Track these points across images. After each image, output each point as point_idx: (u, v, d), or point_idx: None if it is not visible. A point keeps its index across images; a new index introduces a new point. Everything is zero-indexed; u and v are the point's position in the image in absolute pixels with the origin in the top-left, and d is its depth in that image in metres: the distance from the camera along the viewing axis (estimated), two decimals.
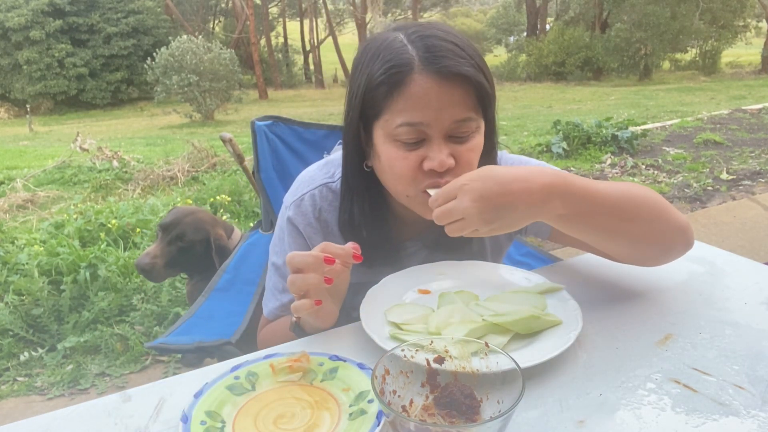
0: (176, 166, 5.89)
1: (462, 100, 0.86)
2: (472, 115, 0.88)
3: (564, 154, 6.00)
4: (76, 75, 19.42)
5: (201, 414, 0.70)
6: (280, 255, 1.07)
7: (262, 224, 1.65)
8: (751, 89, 13.99)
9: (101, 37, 19.94)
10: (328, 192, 1.05)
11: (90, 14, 19.93)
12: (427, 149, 0.88)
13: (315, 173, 1.08)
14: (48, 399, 2.32)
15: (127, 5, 20.38)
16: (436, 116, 0.85)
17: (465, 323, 0.84)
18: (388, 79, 0.86)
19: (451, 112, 0.86)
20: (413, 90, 0.85)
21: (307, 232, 1.04)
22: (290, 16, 31.77)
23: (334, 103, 16.37)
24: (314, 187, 1.05)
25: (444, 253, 1.06)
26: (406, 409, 0.65)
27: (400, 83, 0.85)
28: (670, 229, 0.91)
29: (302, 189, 1.06)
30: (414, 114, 0.85)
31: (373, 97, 0.89)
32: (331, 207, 1.04)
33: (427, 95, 0.85)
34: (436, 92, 0.85)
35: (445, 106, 0.85)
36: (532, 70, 21.88)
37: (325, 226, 1.05)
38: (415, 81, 0.85)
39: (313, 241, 1.04)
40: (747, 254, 1.13)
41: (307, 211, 1.04)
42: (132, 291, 2.88)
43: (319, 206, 1.04)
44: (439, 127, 0.86)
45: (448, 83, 0.85)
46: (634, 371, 0.78)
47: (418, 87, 0.85)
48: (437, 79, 0.84)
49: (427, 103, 0.85)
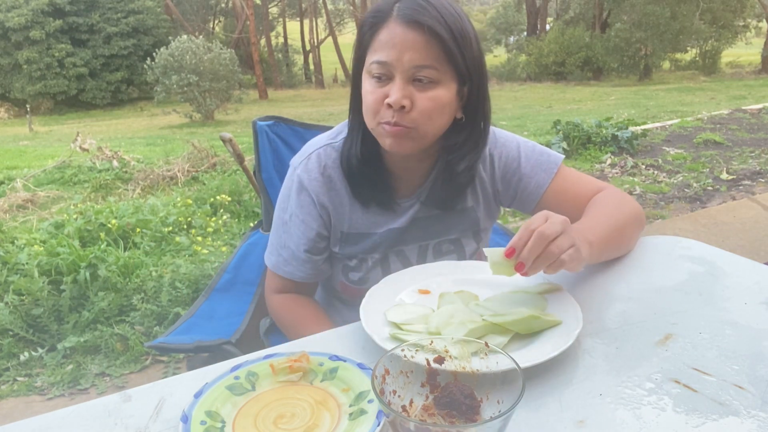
0: (176, 166, 5.89)
1: (423, 48, 0.98)
2: (433, 64, 0.99)
3: (564, 154, 5.99)
4: (76, 75, 19.40)
5: (201, 414, 0.70)
6: (286, 210, 1.19)
7: (262, 224, 1.65)
8: (751, 89, 13.99)
9: (101, 37, 19.92)
10: (332, 150, 1.16)
11: (90, 14, 19.91)
12: (390, 87, 1.01)
13: (321, 137, 1.21)
14: (48, 399, 2.32)
15: (127, 5, 20.36)
16: (398, 57, 0.99)
17: (465, 323, 0.84)
18: (371, 22, 1.03)
19: (411, 56, 0.99)
20: (384, 33, 1.01)
21: (313, 186, 1.14)
22: (290, 16, 31.76)
23: (334, 103, 16.37)
24: (319, 147, 1.17)
25: (436, 206, 1.18)
26: (406, 409, 0.65)
27: (377, 27, 1.02)
28: (639, 223, 1.16)
29: (308, 150, 1.18)
30: (383, 53, 1.00)
31: (362, 39, 1.05)
32: (335, 164, 1.15)
33: (393, 38, 0.99)
34: (400, 37, 0.99)
35: (407, 49, 0.99)
36: (532, 70, 21.87)
37: (329, 181, 1.15)
38: (389, 26, 1.00)
39: (319, 196, 1.14)
40: (747, 254, 1.13)
41: (313, 168, 1.15)
42: (132, 291, 2.87)
43: (323, 163, 1.15)
44: (400, 68, 0.99)
45: (412, 30, 0.98)
46: (634, 371, 0.78)
47: (388, 31, 1.00)
48: (404, 25, 0.99)
49: (393, 45, 0.99)
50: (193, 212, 4.09)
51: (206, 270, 2.97)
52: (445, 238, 1.21)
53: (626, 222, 1.11)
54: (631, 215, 1.13)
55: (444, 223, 1.20)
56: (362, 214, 1.16)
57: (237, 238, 3.81)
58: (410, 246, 1.20)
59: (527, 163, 1.19)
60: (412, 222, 1.18)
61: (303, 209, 1.15)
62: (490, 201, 1.23)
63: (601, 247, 1.00)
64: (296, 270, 1.19)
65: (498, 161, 1.19)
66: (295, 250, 1.18)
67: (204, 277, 2.93)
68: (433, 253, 1.22)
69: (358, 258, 1.19)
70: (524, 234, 0.85)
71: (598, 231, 1.01)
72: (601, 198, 1.15)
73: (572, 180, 1.19)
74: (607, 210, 1.10)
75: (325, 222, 1.16)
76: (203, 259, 3.16)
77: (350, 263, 1.20)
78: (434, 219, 1.19)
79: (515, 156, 1.19)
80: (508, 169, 1.19)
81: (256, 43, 21.89)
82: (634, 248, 1.16)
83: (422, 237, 1.20)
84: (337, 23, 33.08)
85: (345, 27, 35.05)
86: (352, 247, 1.18)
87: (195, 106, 13.32)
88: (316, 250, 1.18)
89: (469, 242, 1.23)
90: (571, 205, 1.16)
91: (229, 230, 3.98)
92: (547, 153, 1.20)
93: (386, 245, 1.18)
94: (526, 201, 1.20)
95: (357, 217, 1.16)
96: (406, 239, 1.19)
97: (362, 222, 1.17)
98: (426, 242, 1.21)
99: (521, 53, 25.03)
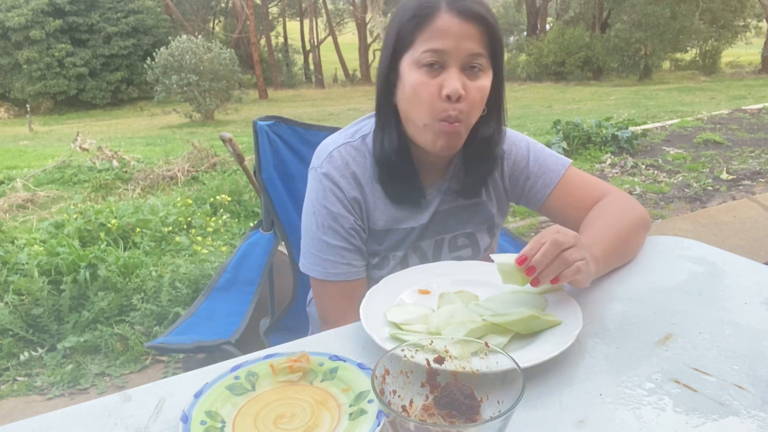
0: (176, 165, 5.89)
1: (477, 37, 1.02)
2: (483, 53, 1.03)
3: (564, 154, 6.00)
4: (76, 75, 19.38)
5: (201, 414, 0.70)
6: (318, 214, 1.13)
7: (262, 224, 1.65)
8: (751, 89, 13.98)
9: (101, 36, 19.90)
10: (351, 148, 1.16)
11: (90, 14, 19.89)
12: (445, 77, 1.02)
13: (335, 137, 1.19)
14: (48, 399, 2.32)
15: (127, 5, 20.34)
16: (455, 46, 1.01)
17: (465, 323, 0.84)
18: (419, 13, 1.03)
19: (468, 45, 1.01)
20: (438, 23, 1.01)
21: (342, 182, 1.13)
22: (290, 16, 31.76)
23: (334, 102, 16.37)
24: (339, 145, 1.16)
25: (457, 196, 1.20)
26: (406, 409, 0.65)
27: (428, 17, 1.02)
28: (645, 228, 1.16)
29: (329, 148, 1.16)
30: (437, 42, 1.01)
31: (404, 30, 1.05)
32: (356, 161, 1.15)
33: (449, 28, 1.01)
34: (457, 26, 1.01)
35: (463, 38, 1.01)
36: (532, 70, 21.85)
37: (354, 177, 1.14)
38: (441, 16, 1.01)
39: (349, 191, 1.13)
40: (747, 254, 1.13)
41: (338, 165, 1.14)
42: (132, 291, 2.87)
43: (345, 160, 1.14)
44: (456, 56, 1.01)
45: (467, 20, 1.01)
46: (634, 371, 0.78)
47: (443, 21, 1.01)
48: (458, 15, 1.01)
49: (449, 34, 1.01)
50: (193, 212, 4.09)
51: (206, 270, 2.97)
52: (461, 232, 1.22)
53: (631, 230, 1.11)
54: (637, 221, 1.14)
55: (461, 216, 1.21)
56: (385, 210, 1.16)
57: (237, 238, 3.81)
58: (427, 241, 1.21)
59: (535, 162, 1.20)
60: (433, 216, 1.19)
61: (336, 205, 1.12)
62: (501, 196, 1.25)
63: (607, 262, 1.01)
64: (350, 269, 1.14)
65: (508, 158, 1.21)
66: (341, 249, 1.13)
67: (204, 277, 2.93)
68: (449, 247, 1.22)
69: (380, 256, 1.18)
70: (536, 244, 0.86)
71: (604, 244, 1.02)
72: (606, 206, 1.15)
73: (579, 182, 1.20)
74: (613, 219, 1.10)
75: (359, 216, 1.15)
76: (203, 259, 3.16)
77: (373, 261, 1.19)
78: (452, 212, 1.20)
79: (524, 154, 1.21)
80: (517, 166, 1.21)
81: (256, 42, 21.88)
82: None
83: (440, 231, 1.21)
84: (337, 23, 33.08)
85: (345, 27, 35.06)
86: (376, 245, 1.18)
87: (195, 105, 13.31)
88: (359, 244, 1.15)
89: (483, 237, 1.25)
90: (576, 207, 1.17)
91: (229, 230, 3.99)
92: (556, 155, 1.23)
93: (408, 241, 1.18)
94: (533, 199, 1.22)
95: (380, 214, 1.16)
96: (425, 234, 1.20)
97: (386, 218, 1.16)
98: (442, 236, 1.21)
99: (521, 53, 25.00)
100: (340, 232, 1.12)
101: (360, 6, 24.66)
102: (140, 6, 20.51)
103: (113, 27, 19.89)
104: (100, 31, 19.91)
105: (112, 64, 20.10)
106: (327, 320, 1.16)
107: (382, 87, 1.11)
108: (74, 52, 19.53)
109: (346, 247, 1.13)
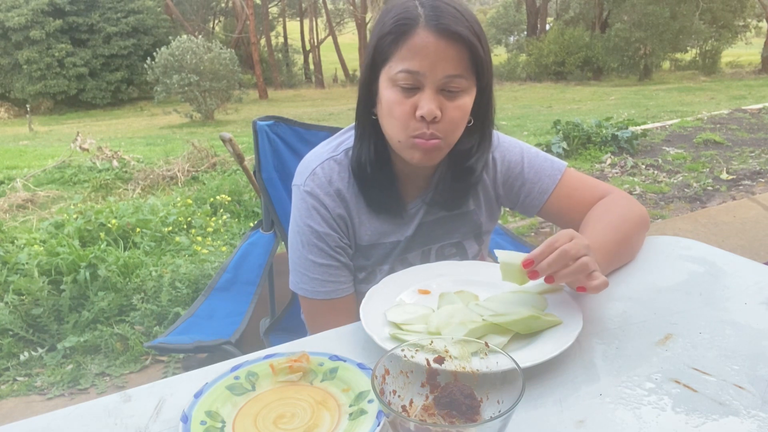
0: (176, 165, 5.89)
1: (456, 58, 0.96)
2: (463, 74, 0.97)
3: (564, 153, 6.00)
4: (76, 75, 19.39)
5: (201, 414, 0.70)
6: (303, 233, 1.12)
7: (262, 224, 1.65)
8: (751, 89, 13.99)
9: (101, 36, 19.91)
10: (335, 164, 1.13)
11: (90, 14, 19.90)
12: (420, 97, 0.98)
13: (318, 151, 1.16)
14: (48, 399, 2.32)
15: (127, 5, 20.35)
16: (431, 67, 0.96)
17: (465, 323, 0.84)
18: (395, 29, 0.97)
19: (445, 66, 0.96)
20: (415, 41, 0.96)
21: (326, 200, 1.11)
22: (290, 16, 31.75)
23: (334, 102, 16.36)
24: (322, 161, 1.13)
25: (441, 208, 1.17)
26: (406, 409, 0.65)
27: (405, 34, 0.96)
28: (644, 227, 1.15)
29: (311, 165, 1.13)
30: (413, 63, 0.96)
31: (382, 44, 1.00)
32: (340, 176, 1.12)
33: (426, 47, 0.95)
34: (434, 46, 0.95)
35: (440, 60, 0.95)
36: (532, 70, 21.86)
37: (338, 193, 1.12)
38: (418, 34, 0.96)
39: (334, 208, 1.11)
40: (747, 254, 1.13)
41: (322, 182, 1.11)
42: (132, 291, 2.87)
43: (329, 177, 1.12)
44: (432, 78, 0.96)
45: (445, 40, 0.95)
46: (634, 371, 0.78)
47: (420, 39, 0.96)
48: (436, 34, 0.95)
49: (426, 54, 0.95)
50: (193, 212, 4.09)
51: (206, 270, 2.97)
52: (448, 242, 1.21)
53: (632, 230, 1.10)
54: (637, 221, 1.12)
55: (446, 226, 1.20)
56: (370, 224, 1.14)
57: (237, 238, 3.81)
58: (414, 252, 1.19)
59: (531, 168, 1.18)
60: (417, 228, 1.17)
61: (321, 224, 1.10)
62: (492, 203, 1.23)
63: (608, 265, 1.01)
64: (338, 286, 1.12)
65: (500, 165, 1.19)
66: (328, 267, 1.11)
67: (204, 277, 2.93)
68: (436, 257, 1.21)
69: (367, 270, 1.17)
70: (546, 250, 0.84)
71: (606, 248, 1.00)
72: (606, 206, 1.14)
73: (576, 185, 1.18)
74: (613, 221, 1.09)
75: (344, 233, 1.13)
76: (203, 259, 3.16)
77: (360, 275, 1.18)
78: (438, 222, 1.19)
79: (518, 161, 1.19)
80: (511, 173, 1.19)
81: (256, 42, 21.88)
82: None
83: (426, 242, 1.20)
84: (337, 23, 33.07)
85: (345, 27, 35.05)
86: (363, 260, 1.16)
87: (195, 105, 13.32)
88: (345, 261, 1.14)
89: (471, 245, 1.23)
90: (575, 210, 1.16)
91: (229, 230, 3.99)
92: (551, 159, 1.20)
93: (394, 254, 1.17)
94: (530, 206, 1.20)
95: (365, 229, 1.14)
96: (411, 246, 1.18)
97: (372, 233, 1.15)
98: (429, 246, 1.20)
99: (521, 53, 25.01)
100: (325, 251, 1.11)
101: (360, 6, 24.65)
102: (140, 6, 20.51)
103: (113, 27, 19.90)
104: (100, 31, 19.91)
105: (112, 64, 20.10)
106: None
107: (363, 97, 1.08)
108: (74, 52, 19.53)
109: (333, 264, 1.11)
